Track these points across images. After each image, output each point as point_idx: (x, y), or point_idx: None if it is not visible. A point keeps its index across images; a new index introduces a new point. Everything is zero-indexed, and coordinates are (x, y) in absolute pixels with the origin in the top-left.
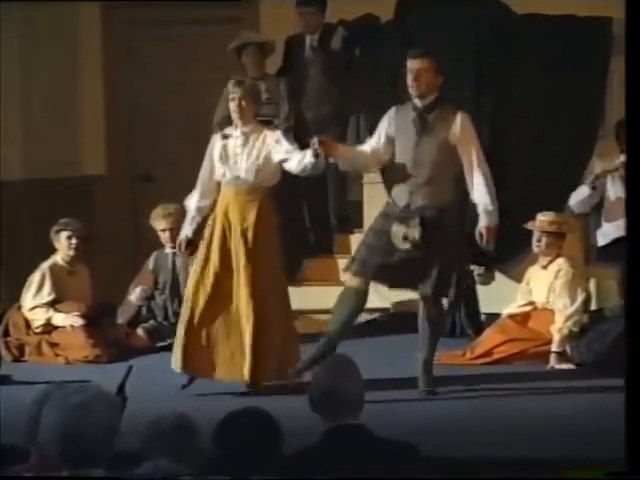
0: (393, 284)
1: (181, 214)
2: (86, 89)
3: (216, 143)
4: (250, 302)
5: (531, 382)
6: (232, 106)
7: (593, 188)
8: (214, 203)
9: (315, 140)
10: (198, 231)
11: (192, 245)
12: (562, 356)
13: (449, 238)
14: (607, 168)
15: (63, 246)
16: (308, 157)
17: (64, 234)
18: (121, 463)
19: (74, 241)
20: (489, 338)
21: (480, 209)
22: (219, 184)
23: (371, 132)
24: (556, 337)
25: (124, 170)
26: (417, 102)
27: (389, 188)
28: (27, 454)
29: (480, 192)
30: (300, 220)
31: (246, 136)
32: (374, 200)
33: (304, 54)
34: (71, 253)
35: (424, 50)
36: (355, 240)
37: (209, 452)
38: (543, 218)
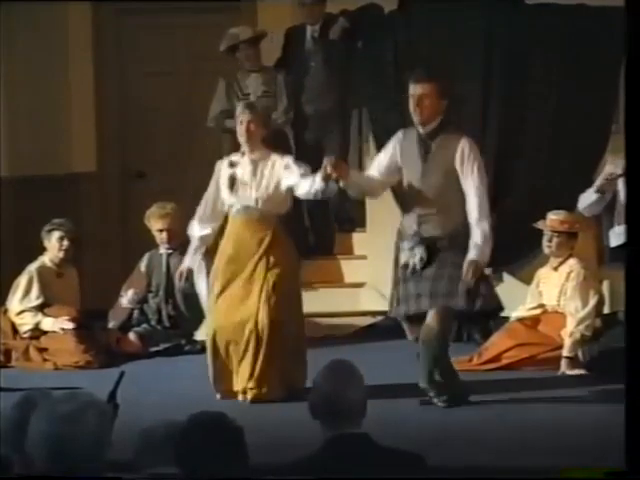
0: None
1: (178, 213)
2: (76, 82)
3: (222, 171)
4: (267, 328)
5: (540, 389)
6: (240, 130)
7: (602, 193)
8: (219, 231)
9: (327, 161)
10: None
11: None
12: (573, 361)
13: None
14: (610, 174)
15: (53, 247)
16: (318, 183)
17: (56, 234)
18: (112, 474)
19: (65, 242)
20: (497, 343)
21: (471, 242)
22: (225, 213)
23: (373, 127)
24: (567, 342)
25: (115, 167)
26: (420, 129)
27: (402, 209)
28: (10, 464)
29: (472, 224)
30: (299, 220)
31: (255, 164)
32: (377, 199)
33: (304, 46)
34: (61, 255)
35: (426, 74)
36: (357, 240)
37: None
38: (554, 217)
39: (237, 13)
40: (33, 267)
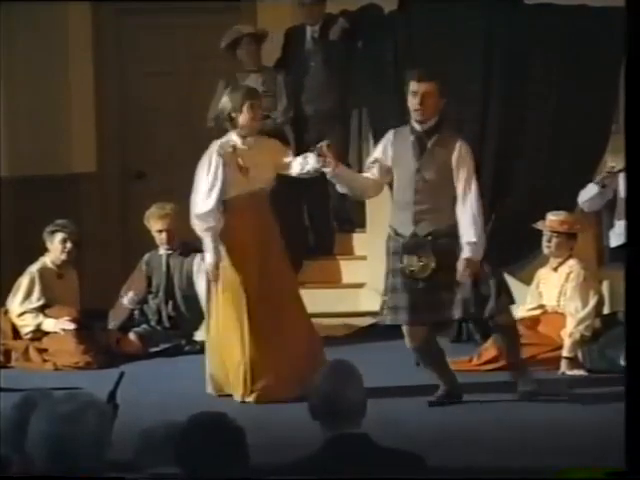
0: (432, 318)
1: (177, 214)
2: (76, 82)
3: (230, 157)
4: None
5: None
6: (252, 115)
7: (602, 186)
8: None
9: (321, 145)
10: None
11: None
12: (573, 362)
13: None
14: (611, 167)
15: (56, 249)
16: (311, 162)
17: (59, 236)
18: (112, 474)
19: (68, 245)
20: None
21: (463, 240)
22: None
23: (373, 127)
24: (567, 342)
25: (115, 167)
26: (417, 126)
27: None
28: (10, 464)
29: (465, 223)
30: (299, 220)
31: (255, 146)
32: (377, 199)
33: (304, 46)
34: (63, 257)
35: (429, 72)
36: (357, 240)
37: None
38: (554, 218)
39: (237, 13)
40: (34, 268)
